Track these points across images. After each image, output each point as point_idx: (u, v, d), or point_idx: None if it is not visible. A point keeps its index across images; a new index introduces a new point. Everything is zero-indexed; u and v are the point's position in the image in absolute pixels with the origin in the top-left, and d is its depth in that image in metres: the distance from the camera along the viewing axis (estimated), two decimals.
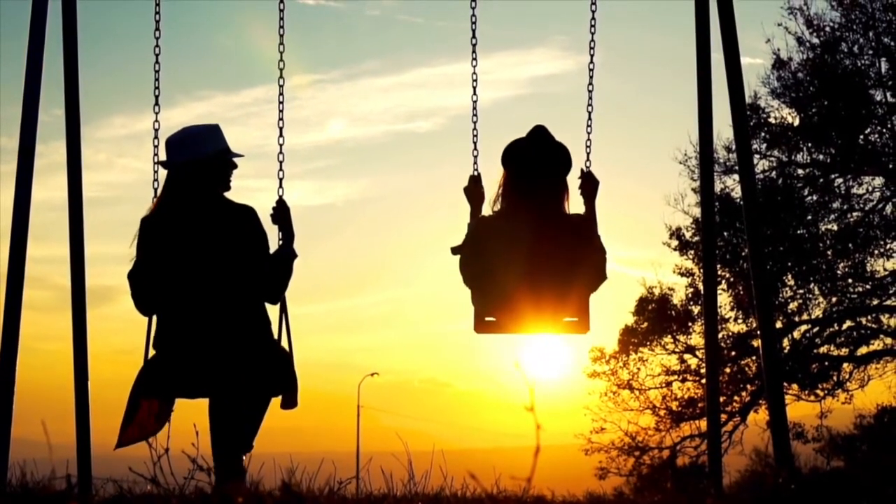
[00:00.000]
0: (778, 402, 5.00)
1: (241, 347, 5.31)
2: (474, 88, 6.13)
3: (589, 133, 6.03)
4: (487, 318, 5.79)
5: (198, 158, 5.44)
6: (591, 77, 6.12)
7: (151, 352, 5.51)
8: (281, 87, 5.77)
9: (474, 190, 5.98)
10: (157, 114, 5.78)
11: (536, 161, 5.78)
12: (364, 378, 43.71)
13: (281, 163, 5.73)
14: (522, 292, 5.71)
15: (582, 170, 5.97)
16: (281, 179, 5.72)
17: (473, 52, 6.13)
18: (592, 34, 6.14)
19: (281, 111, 5.80)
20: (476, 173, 6.02)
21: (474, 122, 6.04)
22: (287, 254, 5.57)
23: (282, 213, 5.63)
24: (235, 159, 5.55)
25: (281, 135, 5.78)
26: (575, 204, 5.89)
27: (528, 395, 2.70)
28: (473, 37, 6.13)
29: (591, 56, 6.13)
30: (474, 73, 6.14)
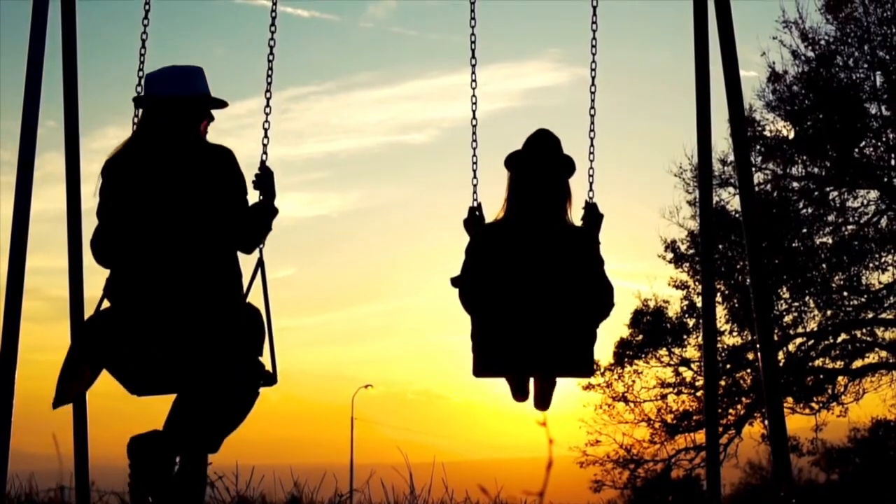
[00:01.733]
0: (777, 417, 4.98)
1: (209, 309, 4.74)
2: (473, 112, 5.83)
3: (591, 161, 5.73)
4: (486, 363, 5.51)
5: (185, 95, 5.02)
6: (592, 101, 5.81)
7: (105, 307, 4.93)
8: (271, 60, 5.49)
9: (476, 222, 5.72)
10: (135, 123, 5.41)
11: (534, 162, 5.50)
12: (358, 390, 43.62)
13: (266, 130, 5.33)
14: (522, 326, 5.43)
15: (586, 201, 5.64)
16: (265, 145, 5.30)
17: (473, 73, 5.86)
18: (594, 55, 5.82)
19: (270, 76, 5.45)
20: (476, 204, 5.74)
21: (473, 148, 5.78)
22: (268, 206, 5.10)
23: (265, 178, 5.17)
24: (214, 112, 5.12)
25: (268, 104, 5.40)
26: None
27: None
28: (473, 57, 5.86)
29: (593, 78, 5.78)
30: (474, 95, 5.86)
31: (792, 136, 20.95)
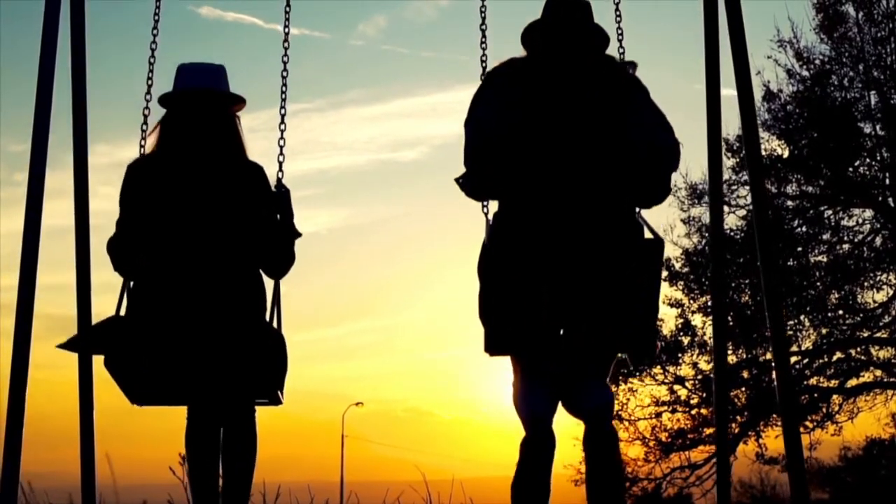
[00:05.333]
0: (794, 436, 4.95)
1: (236, 329, 4.63)
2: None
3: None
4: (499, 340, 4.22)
5: (227, 93, 4.89)
6: None
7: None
8: (285, 76, 5.37)
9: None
10: (143, 132, 5.29)
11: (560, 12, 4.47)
12: (349, 407, 43.57)
13: (281, 147, 5.18)
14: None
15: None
16: (281, 163, 5.13)
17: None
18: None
19: (283, 94, 5.32)
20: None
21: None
22: (290, 228, 4.91)
23: (282, 196, 4.95)
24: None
25: (283, 121, 5.28)
26: None
27: None
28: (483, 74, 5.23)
29: None
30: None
31: (786, 154, 21.02)
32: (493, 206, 4.46)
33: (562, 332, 4.19)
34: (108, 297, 5.46)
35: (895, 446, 20.95)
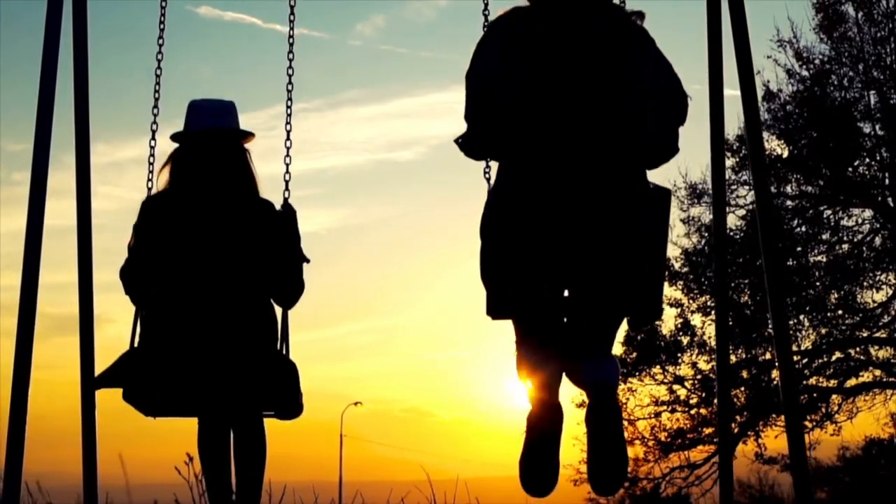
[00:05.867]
0: (796, 435, 4.95)
1: (247, 361, 4.78)
2: None
3: None
4: (503, 301, 4.03)
5: (238, 130, 5.05)
6: None
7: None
8: (290, 90, 5.46)
9: None
10: (153, 143, 5.44)
11: None
12: (347, 407, 43.57)
13: (287, 165, 5.28)
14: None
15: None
16: (287, 182, 5.25)
17: None
18: None
19: (289, 111, 5.42)
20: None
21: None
22: (297, 254, 5.03)
23: (289, 216, 5.09)
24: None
25: (288, 138, 5.36)
26: None
27: None
28: None
29: None
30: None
31: (786, 154, 21.02)
32: (494, 169, 4.28)
33: (566, 294, 4.03)
34: (109, 297, 5.47)
35: (894, 446, 20.96)
